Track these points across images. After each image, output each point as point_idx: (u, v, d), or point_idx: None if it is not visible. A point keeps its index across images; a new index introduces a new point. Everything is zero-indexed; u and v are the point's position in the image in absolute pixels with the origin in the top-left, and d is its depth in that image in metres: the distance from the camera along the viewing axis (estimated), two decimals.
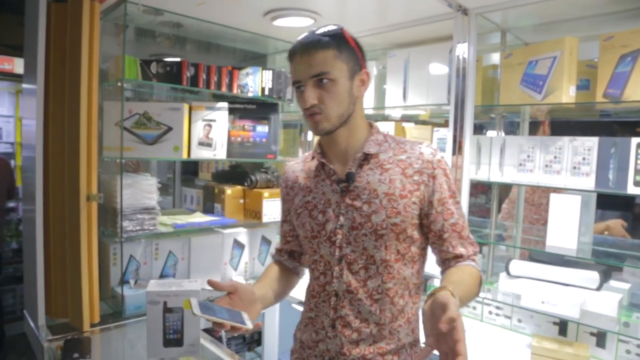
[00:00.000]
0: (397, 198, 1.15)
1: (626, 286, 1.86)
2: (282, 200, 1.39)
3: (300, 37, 1.18)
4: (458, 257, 1.20)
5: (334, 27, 1.16)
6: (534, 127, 2.37)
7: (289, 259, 1.41)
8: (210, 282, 1.12)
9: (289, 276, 1.40)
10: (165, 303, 1.54)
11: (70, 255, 1.83)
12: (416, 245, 1.20)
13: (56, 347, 1.70)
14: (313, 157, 1.30)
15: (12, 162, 4.29)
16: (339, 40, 1.14)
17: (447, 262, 1.22)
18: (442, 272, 1.22)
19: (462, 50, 1.91)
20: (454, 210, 1.19)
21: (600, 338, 1.77)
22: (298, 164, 1.37)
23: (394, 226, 1.14)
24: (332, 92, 1.13)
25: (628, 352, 1.71)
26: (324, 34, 1.14)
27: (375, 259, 1.16)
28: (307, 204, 1.26)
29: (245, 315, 1.09)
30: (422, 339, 1.28)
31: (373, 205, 1.15)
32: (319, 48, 1.11)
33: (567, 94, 1.72)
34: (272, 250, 1.46)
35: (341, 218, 1.18)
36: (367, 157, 1.20)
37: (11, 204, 4.04)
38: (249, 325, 1.05)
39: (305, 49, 1.13)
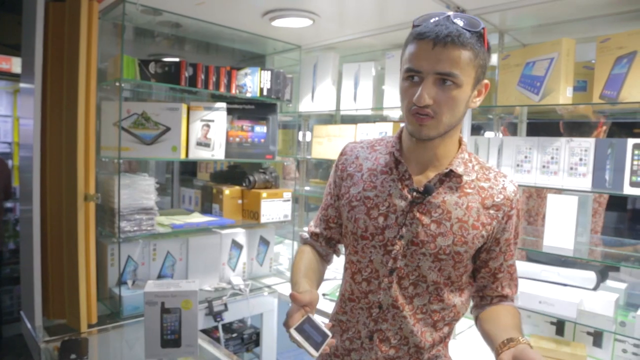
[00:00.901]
0: (469, 228, 1.06)
1: (623, 286, 1.87)
2: (334, 182, 1.25)
3: (434, 18, 1.00)
4: (503, 297, 1.16)
5: (476, 21, 1.00)
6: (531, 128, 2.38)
7: (326, 246, 1.29)
8: (292, 296, 0.99)
9: (322, 264, 1.29)
10: (163, 304, 1.54)
11: (67, 255, 1.83)
12: (467, 275, 1.14)
13: (53, 348, 1.70)
14: (389, 152, 1.16)
15: (10, 162, 4.28)
16: (479, 40, 1.00)
17: (489, 298, 1.17)
18: (478, 306, 1.19)
19: None
20: (514, 253, 1.15)
21: (597, 337, 1.78)
22: (363, 148, 1.23)
23: (457, 255, 1.07)
24: (452, 98, 0.98)
25: (624, 351, 1.72)
26: (467, 27, 0.98)
27: (427, 279, 1.09)
28: (366, 199, 1.13)
29: (316, 319, 1.00)
30: None
31: (442, 227, 1.06)
32: (458, 44, 0.96)
33: (564, 95, 1.72)
34: (304, 232, 1.34)
35: (403, 229, 1.08)
36: (449, 175, 1.09)
37: (8, 205, 4.03)
38: (329, 333, 0.99)
39: (441, 39, 0.95)
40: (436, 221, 1.06)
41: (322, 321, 1.01)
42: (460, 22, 0.98)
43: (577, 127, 2.27)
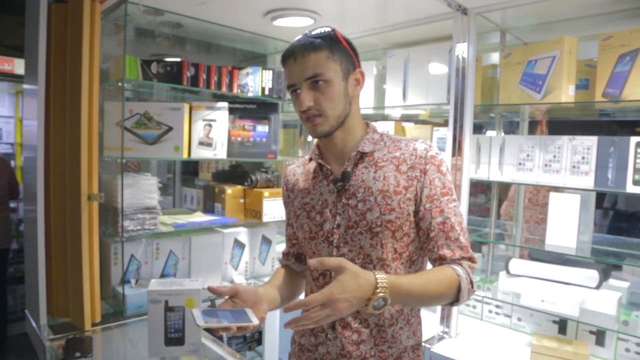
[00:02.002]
0: (391, 195, 1.13)
1: (625, 285, 1.87)
2: (284, 203, 1.38)
3: (293, 42, 1.17)
4: (442, 259, 1.14)
5: (325, 29, 1.16)
6: (532, 127, 2.38)
7: (296, 262, 1.40)
8: (210, 288, 1.11)
9: (297, 279, 1.38)
10: (166, 302, 1.55)
11: (71, 254, 1.83)
12: (414, 245, 1.18)
13: (58, 347, 1.70)
14: (311, 159, 1.29)
15: (13, 163, 4.30)
16: (331, 41, 1.14)
17: (433, 263, 1.17)
18: None
19: (461, 49, 1.91)
20: (445, 208, 1.13)
21: (600, 336, 1.78)
22: (298, 167, 1.37)
23: (389, 223, 1.13)
24: (328, 94, 1.12)
25: (627, 350, 1.72)
26: (316, 36, 1.14)
27: (372, 258, 1.15)
28: (305, 205, 1.25)
29: (249, 312, 1.07)
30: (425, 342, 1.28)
31: (367, 203, 1.14)
32: (311, 50, 1.11)
33: (566, 93, 1.72)
34: (279, 254, 1.47)
35: (338, 218, 1.17)
36: (362, 156, 1.20)
37: (12, 205, 4.04)
38: (255, 321, 1.04)
39: (297, 52, 1.12)
40: (362, 200, 1.15)
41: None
42: (311, 34, 1.14)
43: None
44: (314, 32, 1.15)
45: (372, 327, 1.17)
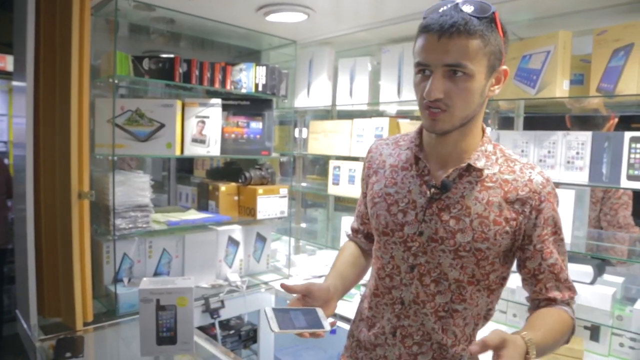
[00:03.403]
0: (489, 223, 1.01)
1: (620, 280, 1.86)
2: (363, 179, 1.26)
3: (434, 7, 0.97)
4: (550, 301, 1.06)
5: (486, 6, 0.95)
6: (527, 122, 2.37)
7: (365, 241, 1.31)
8: (283, 286, 1.05)
9: (365, 259, 1.31)
10: (158, 301, 1.54)
11: (62, 253, 1.82)
12: (496, 275, 1.08)
13: (49, 347, 1.69)
14: (408, 147, 1.15)
15: (7, 161, 4.26)
16: (489, 26, 0.95)
17: (537, 302, 1.09)
18: (530, 310, 1.11)
19: None
20: (554, 250, 1.04)
21: (594, 332, 1.78)
22: (387, 145, 1.22)
23: (478, 251, 1.02)
24: (464, 89, 0.95)
25: (621, 345, 1.71)
26: (474, 14, 0.93)
27: (448, 277, 1.05)
28: (387, 196, 1.13)
29: (320, 313, 1.04)
30: None
31: (461, 223, 1.02)
32: (463, 33, 0.92)
33: (560, 88, 1.71)
34: (348, 230, 1.38)
35: (423, 225, 1.06)
36: (469, 168, 1.05)
37: (8, 203, 4.01)
38: (327, 327, 1.00)
39: (445, 28, 0.92)
40: (455, 217, 1.03)
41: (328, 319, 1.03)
42: (467, 9, 0.94)
43: (586, 121, 2.25)
44: (472, 7, 0.94)
45: (434, 343, 1.08)
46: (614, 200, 2.21)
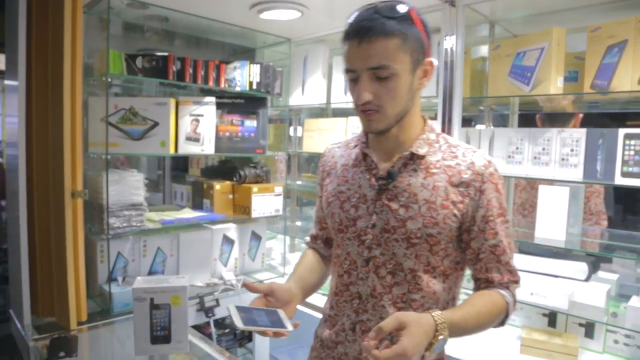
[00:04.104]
0: (437, 207, 1.04)
1: (614, 277, 1.87)
2: (319, 184, 1.29)
3: (358, 14, 1.00)
4: (489, 282, 1.09)
5: (401, 6, 0.99)
6: (522, 119, 2.37)
7: (325, 247, 1.33)
8: (246, 285, 1.08)
9: (325, 264, 1.32)
10: (152, 300, 1.52)
11: (56, 252, 1.81)
12: (450, 259, 1.10)
13: (42, 347, 1.68)
14: (356, 145, 1.19)
15: (0, 160, 4.24)
16: (406, 24, 0.98)
17: (478, 282, 1.12)
18: (473, 291, 1.14)
19: (450, 42, 1.90)
20: (499, 231, 1.07)
21: (589, 329, 1.78)
22: (339, 147, 1.27)
23: (429, 237, 1.05)
24: (391, 89, 0.99)
25: (616, 342, 1.72)
26: (389, 15, 0.97)
27: (404, 267, 1.07)
28: (340, 194, 1.16)
29: (282, 315, 1.05)
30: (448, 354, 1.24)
31: (410, 210, 1.05)
32: (380, 35, 0.95)
33: (555, 85, 1.71)
34: (307, 237, 1.41)
35: (374, 217, 1.09)
36: (413, 157, 1.09)
37: (2, 203, 3.99)
38: (290, 327, 1.01)
39: (363, 33, 0.96)
40: (404, 205, 1.06)
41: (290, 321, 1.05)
42: (384, 10, 0.98)
43: (554, 119, 2.28)
44: (387, 8, 0.98)
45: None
46: (586, 188, 2.23)
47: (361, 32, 0.97)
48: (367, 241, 1.10)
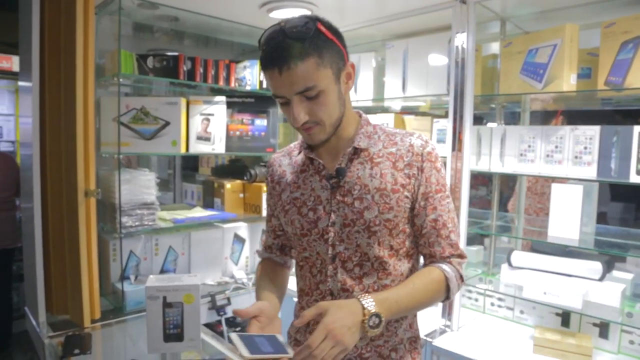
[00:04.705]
0: (389, 193, 1.10)
1: (629, 276, 1.84)
2: (269, 194, 1.32)
3: (267, 40, 1.02)
4: (432, 256, 1.15)
5: (306, 24, 0.99)
6: (533, 117, 2.35)
7: (280, 254, 1.36)
8: (235, 312, 1.09)
9: (283, 273, 1.35)
10: (164, 298, 1.53)
11: (69, 251, 1.83)
12: (410, 240, 1.16)
13: (57, 344, 1.70)
14: (300, 152, 1.22)
15: None
16: (317, 41, 1.00)
17: (424, 258, 1.18)
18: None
19: (461, 40, 1.88)
20: (437, 206, 1.12)
21: (603, 329, 1.76)
22: (284, 156, 1.29)
23: (387, 222, 1.10)
24: (322, 104, 1.03)
25: (631, 342, 1.70)
26: (297, 36, 0.98)
27: (369, 256, 1.12)
28: (295, 200, 1.19)
29: (281, 339, 1.07)
30: (422, 334, 1.27)
31: (365, 201, 1.10)
32: (297, 60, 0.97)
33: (567, 82, 1.69)
34: (259, 249, 1.43)
35: (332, 215, 1.13)
36: (357, 151, 1.14)
37: (17, 202, 4.04)
38: (290, 352, 1.02)
39: (280, 63, 0.98)
40: (358, 198, 1.11)
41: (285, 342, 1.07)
42: (291, 33, 0.98)
43: (537, 117, 2.27)
44: (294, 30, 0.99)
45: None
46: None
47: (277, 61, 0.98)
48: (330, 239, 1.13)
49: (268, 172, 1.32)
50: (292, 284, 1.35)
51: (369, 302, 0.98)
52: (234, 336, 1.01)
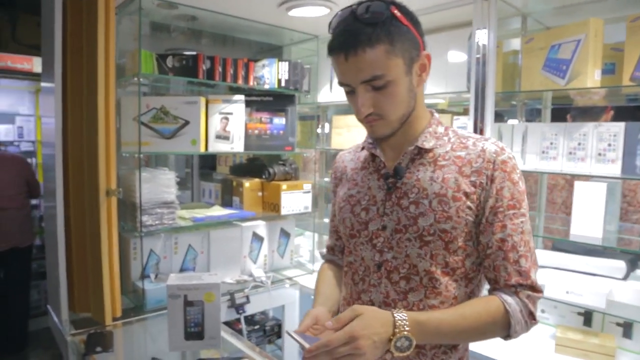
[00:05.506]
0: (449, 200, 0.97)
1: None
2: (332, 192, 1.26)
3: (337, 23, 0.96)
4: (496, 283, 1.00)
5: (379, 7, 0.92)
6: (555, 114, 2.32)
7: (342, 257, 1.25)
8: (293, 333, 0.97)
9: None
10: (185, 296, 1.55)
11: (91, 250, 1.85)
12: (471, 260, 1.02)
13: (79, 341, 1.72)
14: (364, 148, 1.14)
15: (34, 160, 4.36)
16: (389, 26, 0.91)
17: (488, 284, 1.04)
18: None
19: (481, 36, 1.86)
20: (508, 224, 0.97)
21: (627, 328, 1.73)
22: (349, 152, 1.24)
23: (443, 233, 0.98)
24: (390, 95, 0.95)
25: None
26: (369, 21, 0.91)
27: (419, 269, 1.00)
28: (350, 198, 1.12)
29: None
30: None
31: (421, 206, 0.99)
32: (366, 46, 0.90)
33: (592, 78, 1.66)
34: (323, 249, 1.36)
35: (385, 218, 1.04)
36: (420, 152, 1.04)
37: (33, 202, 4.11)
38: None
39: (348, 48, 0.91)
40: (414, 202, 1.01)
41: None
42: (363, 16, 0.91)
43: (585, 114, 2.21)
44: (364, 13, 0.91)
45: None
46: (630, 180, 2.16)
47: (345, 46, 0.92)
48: (379, 245, 1.05)
49: (332, 169, 1.26)
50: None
51: (403, 322, 0.89)
52: (293, 333, 0.95)
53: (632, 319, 1.66)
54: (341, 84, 0.99)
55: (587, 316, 1.84)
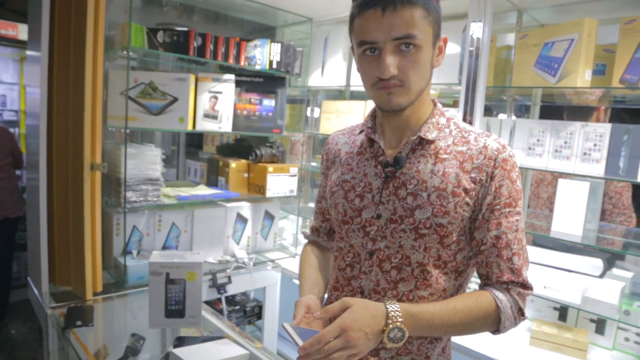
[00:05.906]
0: (448, 195, 0.97)
1: (629, 275, 1.85)
2: (322, 174, 1.23)
3: None
4: (487, 278, 1.01)
5: None
6: (544, 111, 2.34)
7: (327, 239, 1.27)
8: (289, 326, 0.96)
9: (328, 258, 1.25)
10: (167, 274, 1.55)
11: (73, 224, 1.83)
12: (463, 255, 1.02)
13: (59, 315, 1.71)
14: (362, 131, 1.12)
15: (17, 130, 4.27)
16: None
17: (480, 279, 1.04)
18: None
19: (476, 29, 1.86)
20: (503, 222, 0.97)
21: (600, 325, 1.78)
22: (343, 134, 1.20)
23: (439, 227, 0.97)
24: (416, 62, 0.92)
25: (627, 339, 1.71)
26: None
27: (411, 261, 1.00)
28: (344, 183, 1.09)
29: None
30: None
31: (419, 198, 0.98)
32: (407, 3, 0.89)
33: (582, 78, 1.68)
34: (306, 230, 1.34)
35: (380, 207, 1.02)
36: (422, 142, 1.02)
37: (17, 172, 4.03)
38: None
39: (388, 1, 0.89)
40: (412, 193, 0.99)
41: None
42: None
43: (576, 112, 2.25)
44: None
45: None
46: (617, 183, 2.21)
47: None
48: (372, 233, 1.03)
49: (323, 150, 1.23)
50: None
51: (396, 313, 0.89)
52: (287, 326, 0.95)
53: (605, 315, 1.71)
54: (364, 42, 0.93)
55: (563, 311, 1.88)
